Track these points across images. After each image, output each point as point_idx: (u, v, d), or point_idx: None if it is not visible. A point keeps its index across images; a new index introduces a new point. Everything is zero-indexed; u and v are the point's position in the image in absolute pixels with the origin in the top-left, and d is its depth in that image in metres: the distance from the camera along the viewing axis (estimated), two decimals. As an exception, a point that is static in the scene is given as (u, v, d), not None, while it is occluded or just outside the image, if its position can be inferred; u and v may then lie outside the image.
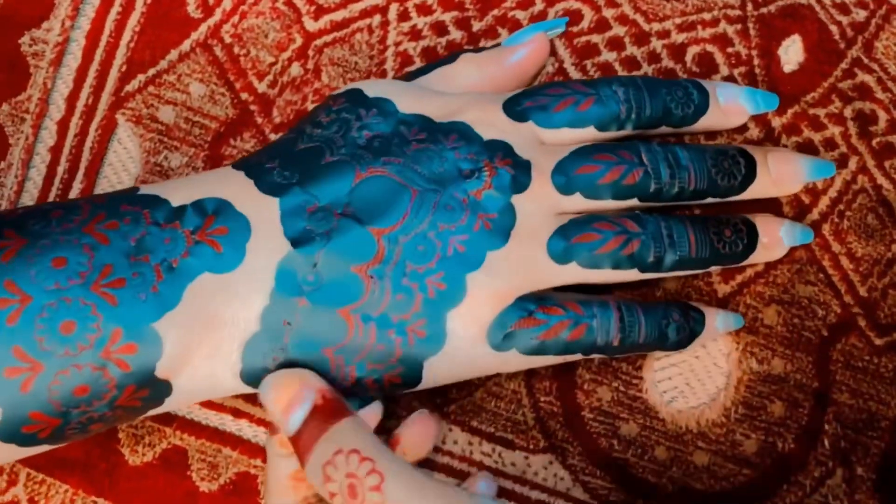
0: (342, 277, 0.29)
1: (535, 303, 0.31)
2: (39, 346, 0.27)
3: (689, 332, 0.33)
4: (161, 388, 0.29)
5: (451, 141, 0.31)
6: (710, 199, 0.33)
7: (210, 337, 0.28)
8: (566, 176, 0.31)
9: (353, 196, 0.30)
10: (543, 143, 0.32)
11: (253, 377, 0.29)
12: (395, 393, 0.31)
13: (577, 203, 0.32)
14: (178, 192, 0.30)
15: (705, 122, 0.34)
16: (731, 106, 0.34)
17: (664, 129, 0.34)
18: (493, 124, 0.32)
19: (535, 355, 0.31)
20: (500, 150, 0.31)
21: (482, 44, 0.36)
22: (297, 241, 0.29)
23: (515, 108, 0.32)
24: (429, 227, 0.30)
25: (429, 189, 0.30)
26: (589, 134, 0.33)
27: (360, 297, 0.29)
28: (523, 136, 0.32)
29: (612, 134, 0.33)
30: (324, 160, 0.30)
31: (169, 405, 0.30)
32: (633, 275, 0.32)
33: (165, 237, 0.28)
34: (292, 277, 0.29)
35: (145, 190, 0.30)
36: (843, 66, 0.35)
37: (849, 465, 0.34)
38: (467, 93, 0.33)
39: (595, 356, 0.32)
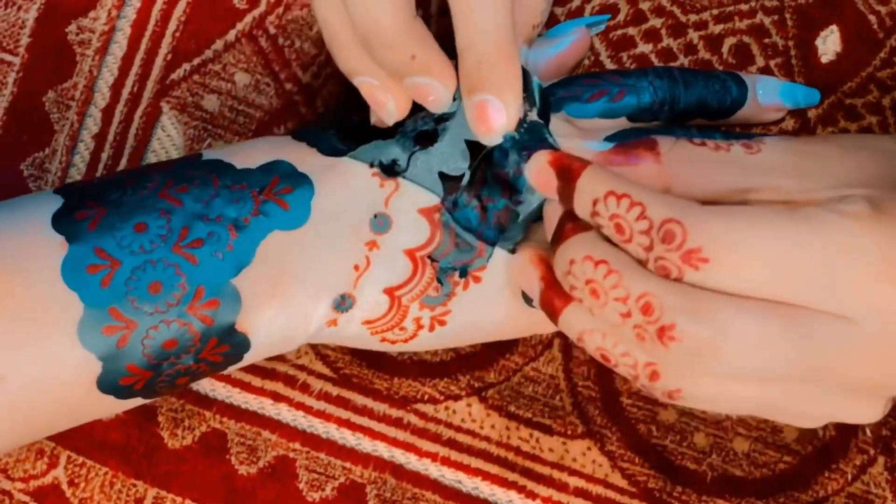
0: (411, 221, 0.31)
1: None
2: (132, 306, 0.29)
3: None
4: (240, 343, 0.30)
5: None
6: None
7: (282, 289, 0.30)
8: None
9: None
10: (578, 128, 0.33)
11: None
12: (432, 344, 0.32)
13: None
14: (241, 156, 0.31)
15: (741, 116, 0.35)
16: (769, 104, 0.35)
17: (699, 120, 0.34)
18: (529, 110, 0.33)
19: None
20: (537, 133, 0.32)
21: (519, 38, 0.37)
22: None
23: (549, 97, 0.33)
24: (476, 199, 0.31)
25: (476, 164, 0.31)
26: (621, 124, 0.34)
27: (426, 239, 0.31)
28: (557, 123, 0.33)
29: (644, 124, 0.34)
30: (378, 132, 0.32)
31: (247, 360, 0.31)
32: None
33: (234, 198, 0.30)
34: (362, 225, 0.31)
35: (209, 155, 0.31)
36: (882, 55, 0.35)
37: (890, 452, 0.34)
38: None
39: None
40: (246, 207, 0.30)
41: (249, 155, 0.31)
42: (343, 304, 0.31)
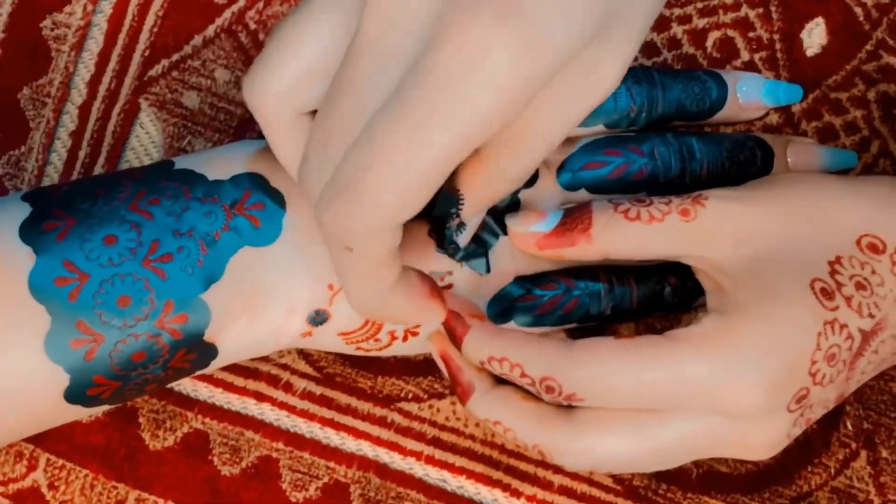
0: None
1: (531, 279, 0.32)
2: (100, 320, 0.28)
3: (688, 292, 0.33)
4: (208, 351, 0.30)
5: None
6: None
7: (253, 305, 0.30)
8: (571, 173, 0.32)
9: None
10: None
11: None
12: (405, 352, 0.33)
13: (583, 197, 0.33)
14: (214, 167, 0.31)
15: (721, 116, 0.35)
16: (749, 102, 0.34)
17: (678, 122, 0.34)
18: None
19: (533, 327, 0.32)
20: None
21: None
22: None
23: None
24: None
25: None
26: (597, 131, 0.33)
27: None
28: None
29: (621, 130, 0.34)
30: None
31: (214, 367, 0.31)
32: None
33: (206, 211, 0.30)
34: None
35: (180, 164, 0.31)
36: (868, 48, 0.35)
37: (873, 447, 0.34)
38: None
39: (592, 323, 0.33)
40: (217, 222, 0.30)
41: (222, 165, 0.31)
42: (318, 318, 0.31)
